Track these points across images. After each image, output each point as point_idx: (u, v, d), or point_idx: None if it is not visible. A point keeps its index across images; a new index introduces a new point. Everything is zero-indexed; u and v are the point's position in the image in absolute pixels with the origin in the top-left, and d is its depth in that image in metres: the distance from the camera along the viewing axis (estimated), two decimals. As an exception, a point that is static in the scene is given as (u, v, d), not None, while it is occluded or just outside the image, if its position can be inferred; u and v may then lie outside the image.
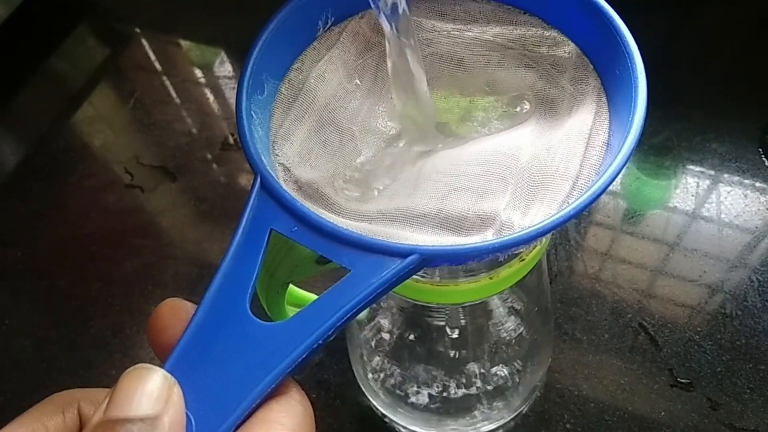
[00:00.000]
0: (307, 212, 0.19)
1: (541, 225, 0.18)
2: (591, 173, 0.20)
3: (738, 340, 0.39)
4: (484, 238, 0.20)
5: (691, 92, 0.52)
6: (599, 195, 0.18)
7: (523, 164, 0.21)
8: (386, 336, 0.33)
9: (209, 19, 0.64)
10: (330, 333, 0.17)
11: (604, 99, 0.22)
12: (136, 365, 0.16)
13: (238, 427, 0.16)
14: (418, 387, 0.34)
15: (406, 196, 0.22)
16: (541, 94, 0.24)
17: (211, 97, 0.58)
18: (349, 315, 0.17)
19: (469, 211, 0.20)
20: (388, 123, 0.24)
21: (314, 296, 0.36)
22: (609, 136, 0.21)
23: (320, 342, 0.17)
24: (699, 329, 0.40)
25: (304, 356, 0.17)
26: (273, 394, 0.17)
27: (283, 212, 0.19)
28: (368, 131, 0.24)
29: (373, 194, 0.22)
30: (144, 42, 0.63)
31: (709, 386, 0.38)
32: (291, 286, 0.31)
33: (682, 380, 0.38)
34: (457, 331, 0.32)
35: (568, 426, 0.37)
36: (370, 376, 0.36)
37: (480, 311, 0.33)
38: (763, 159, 0.48)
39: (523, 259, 0.25)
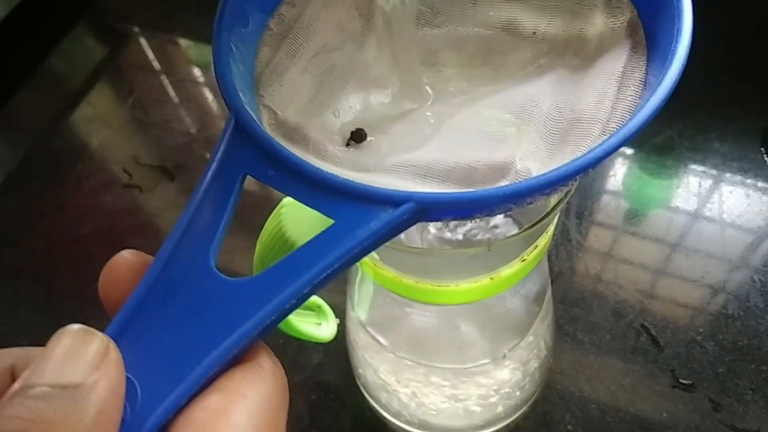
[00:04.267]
0: (285, 153, 0.16)
1: (562, 168, 0.15)
2: (625, 115, 0.18)
3: (740, 341, 0.39)
4: None
5: (693, 92, 0.52)
6: (637, 131, 0.16)
7: (544, 110, 0.19)
8: (387, 335, 0.32)
9: (208, 17, 0.63)
10: (306, 291, 0.15)
11: (641, 32, 0.19)
12: (68, 326, 0.14)
13: (192, 397, 0.14)
14: (417, 387, 0.34)
15: (409, 148, 0.19)
16: (567, 31, 0.21)
17: (209, 96, 0.57)
18: (329, 271, 0.15)
19: (480, 161, 0.17)
20: (393, 69, 0.22)
21: (314, 297, 0.35)
22: (646, 73, 0.18)
23: (293, 301, 0.15)
24: (701, 330, 0.40)
25: (274, 317, 0.15)
26: (238, 360, 0.15)
27: (259, 154, 0.16)
28: (370, 77, 0.21)
29: (371, 145, 0.20)
30: (142, 41, 0.63)
31: (711, 387, 0.38)
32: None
33: (684, 381, 0.38)
34: (457, 331, 0.32)
35: (569, 427, 0.37)
36: (370, 376, 0.36)
37: (480, 311, 0.32)
38: (766, 159, 0.47)
39: (525, 260, 0.25)
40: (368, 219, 0.15)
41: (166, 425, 0.14)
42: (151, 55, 0.62)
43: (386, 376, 0.35)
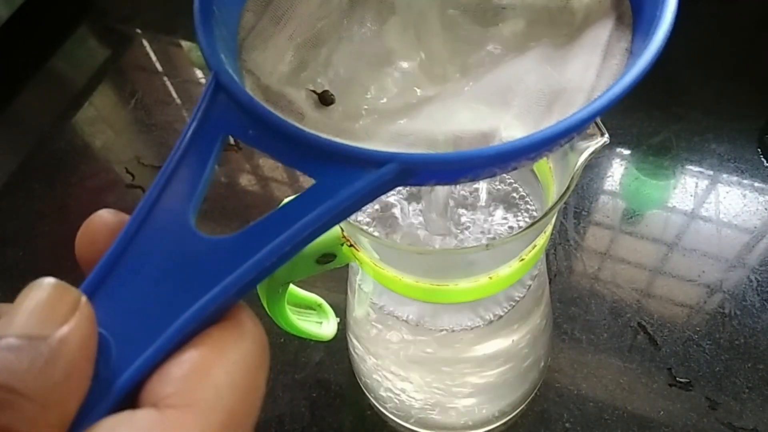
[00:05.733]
0: (265, 112, 0.16)
1: (547, 129, 0.15)
2: (610, 84, 0.18)
3: (737, 340, 0.39)
4: None
5: (690, 93, 0.52)
6: (621, 95, 0.15)
7: (530, 83, 0.19)
8: (387, 335, 0.33)
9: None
10: (287, 249, 0.15)
11: (626, 3, 0.20)
12: (39, 279, 0.13)
13: (169, 354, 0.14)
14: (418, 384, 0.35)
15: (394, 119, 0.19)
16: (551, 3, 0.21)
17: (211, 97, 0.58)
18: (309, 230, 0.15)
19: (465, 131, 0.18)
20: (381, 38, 0.21)
21: (314, 296, 0.36)
22: (632, 43, 0.18)
23: (274, 259, 0.14)
24: (698, 329, 0.40)
25: (254, 275, 0.14)
26: (217, 319, 0.14)
27: (239, 113, 0.16)
28: (356, 45, 0.21)
29: (357, 114, 0.20)
30: (145, 42, 0.64)
31: (708, 385, 0.38)
32: (291, 285, 0.31)
33: (681, 379, 0.38)
34: (457, 332, 0.32)
35: (567, 425, 0.37)
36: (370, 374, 0.36)
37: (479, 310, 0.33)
38: (762, 159, 0.48)
39: (523, 259, 0.25)
40: (351, 179, 0.15)
41: (141, 382, 0.14)
42: (153, 56, 0.62)
43: (387, 373, 0.35)
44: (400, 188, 0.31)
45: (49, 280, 0.13)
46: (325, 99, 0.19)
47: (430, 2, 0.22)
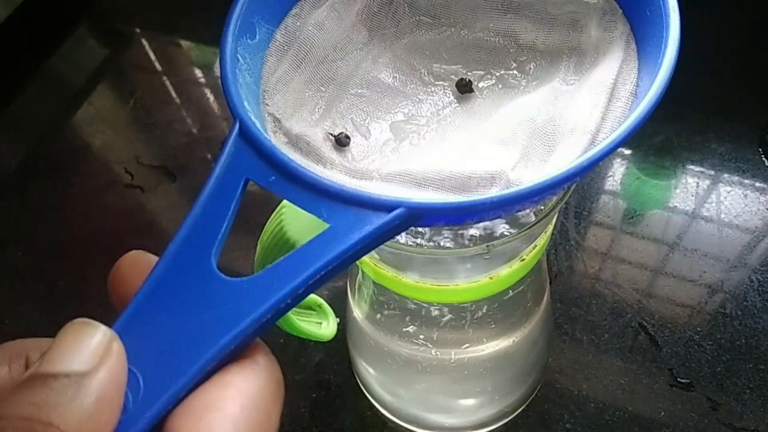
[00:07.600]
0: (285, 160, 0.17)
1: (548, 179, 0.16)
2: (614, 126, 0.18)
3: (738, 340, 0.39)
4: None
5: (690, 92, 0.52)
6: (619, 144, 0.16)
7: (539, 124, 0.19)
8: (387, 335, 0.33)
9: (209, 19, 0.64)
10: (301, 291, 0.16)
11: (633, 46, 0.20)
12: (76, 320, 0.15)
13: (191, 390, 0.15)
14: (417, 388, 0.34)
15: (406, 158, 0.20)
16: (565, 44, 0.22)
17: (211, 97, 0.58)
18: (322, 272, 0.16)
19: (474, 171, 0.18)
20: (394, 77, 0.23)
21: (314, 296, 0.36)
22: (636, 86, 0.19)
23: (289, 301, 0.16)
24: (699, 329, 0.40)
25: (269, 315, 0.16)
26: (236, 356, 0.16)
27: (261, 160, 0.18)
28: (370, 85, 0.22)
29: (371, 153, 0.21)
30: (144, 42, 0.63)
31: (709, 386, 0.38)
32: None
33: (682, 380, 0.38)
34: (457, 332, 0.32)
35: (567, 426, 0.37)
36: (370, 375, 0.36)
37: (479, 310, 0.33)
38: (763, 159, 0.48)
39: (524, 259, 0.25)
40: (362, 223, 0.16)
41: (166, 416, 0.15)
42: (152, 56, 0.62)
43: (387, 374, 0.35)
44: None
45: (83, 320, 0.15)
46: (340, 141, 0.21)
47: (445, 39, 0.23)
